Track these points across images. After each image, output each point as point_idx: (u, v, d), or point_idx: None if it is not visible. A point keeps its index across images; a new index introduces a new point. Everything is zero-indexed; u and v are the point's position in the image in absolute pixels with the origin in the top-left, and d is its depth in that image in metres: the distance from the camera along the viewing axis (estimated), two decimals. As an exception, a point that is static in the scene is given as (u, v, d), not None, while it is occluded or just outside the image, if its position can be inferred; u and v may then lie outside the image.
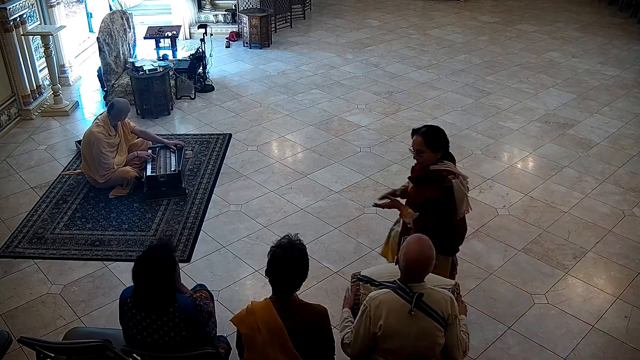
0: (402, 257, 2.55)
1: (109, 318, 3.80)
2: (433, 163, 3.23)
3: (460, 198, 3.22)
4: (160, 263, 2.59)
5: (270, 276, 2.56)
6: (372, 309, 2.55)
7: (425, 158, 3.22)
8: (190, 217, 4.88)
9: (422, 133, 3.20)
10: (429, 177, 3.24)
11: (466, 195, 3.26)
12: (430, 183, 3.23)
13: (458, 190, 3.18)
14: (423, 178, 3.29)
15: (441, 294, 2.59)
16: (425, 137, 3.18)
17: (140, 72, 6.67)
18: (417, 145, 3.21)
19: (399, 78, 7.97)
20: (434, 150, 3.18)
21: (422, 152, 3.20)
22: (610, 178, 5.53)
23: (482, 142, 6.20)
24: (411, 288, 2.54)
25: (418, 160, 3.31)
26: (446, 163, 3.24)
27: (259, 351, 2.55)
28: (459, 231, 3.45)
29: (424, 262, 2.53)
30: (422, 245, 2.55)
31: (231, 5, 9.91)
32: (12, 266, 4.31)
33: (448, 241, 3.36)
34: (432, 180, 3.22)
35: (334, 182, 5.40)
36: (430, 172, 3.24)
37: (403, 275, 2.59)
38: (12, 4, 6.22)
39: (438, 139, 3.19)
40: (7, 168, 5.68)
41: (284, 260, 2.52)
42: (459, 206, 3.24)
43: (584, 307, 3.94)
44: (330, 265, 4.31)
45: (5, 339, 3.06)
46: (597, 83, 7.90)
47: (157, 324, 2.61)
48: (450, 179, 3.16)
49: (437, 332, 2.55)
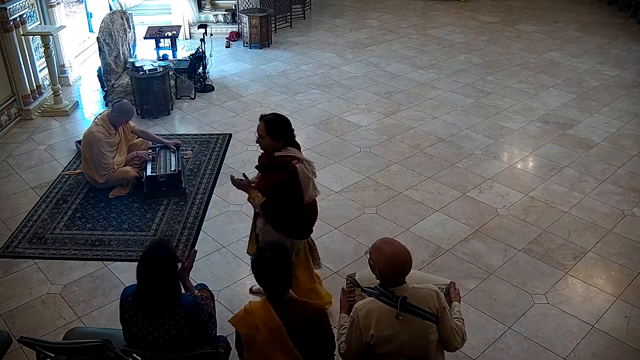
0: (377, 263, 2.54)
1: (109, 318, 3.80)
2: (277, 150, 3.33)
3: (306, 182, 3.33)
4: (161, 265, 2.58)
5: (255, 279, 2.63)
6: (361, 320, 2.54)
7: (265, 144, 3.33)
8: (190, 217, 4.88)
9: (265, 120, 3.32)
10: (273, 164, 3.34)
11: (312, 179, 3.38)
12: (275, 169, 3.33)
13: (303, 174, 3.29)
14: (268, 165, 3.39)
15: (425, 290, 2.57)
16: (267, 124, 3.30)
17: (140, 72, 6.67)
18: (259, 131, 3.34)
19: (399, 78, 7.97)
20: (274, 137, 3.29)
21: (262, 137, 3.32)
22: (610, 178, 5.53)
23: (482, 142, 6.20)
24: (393, 292, 2.52)
25: (260, 146, 3.41)
26: (289, 149, 3.35)
27: (259, 350, 2.55)
28: (309, 215, 3.56)
29: (398, 268, 2.52)
30: (394, 251, 2.54)
31: (231, 5, 9.92)
32: (12, 266, 4.31)
33: (297, 225, 3.49)
34: (277, 166, 3.32)
35: (334, 182, 5.40)
36: (274, 159, 3.33)
37: (382, 281, 2.56)
38: (12, 4, 6.22)
39: (279, 127, 3.31)
40: (7, 168, 5.68)
41: (260, 261, 2.58)
42: (305, 190, 3.36)
43: (584, 307, 3.94)
44: (330, 265, 4.31)
45: (5, 339, 3.06)
46: (597, 83, 7.90)
47: (158, 323, 2.61)
48: (294, 164, 3.27)
49: (430, 329, 2.54)
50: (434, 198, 5.16)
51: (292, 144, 3.39)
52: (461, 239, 4.62)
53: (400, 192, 5.24)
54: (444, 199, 5.14)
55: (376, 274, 2.55)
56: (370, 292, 2.65)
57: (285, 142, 3.33)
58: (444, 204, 5.08)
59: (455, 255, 4.43)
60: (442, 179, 5.46)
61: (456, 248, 4.52)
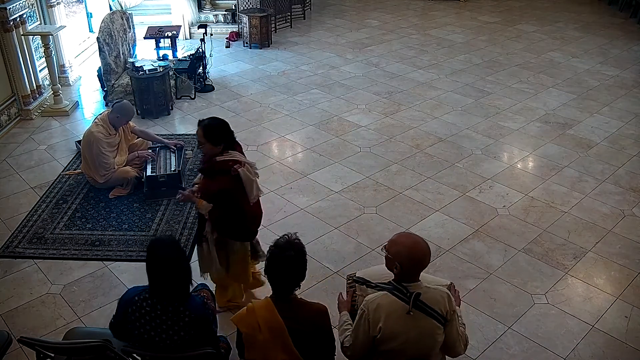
0: (397, 255, 2.53)
1: (108, 318, 3.74)
2: (219, 154, 3.34)
3: (249, 184, 3.36)
4: (176, 263, 2.58)
5: (268, 275, 2.57)
6: (371, 313, 2.53)
7: (206, 149, 3.36)
8: (190, 217, 4.88)
9: (203, 126, 3.33)
10: (216, 169, 3.35)
11: (254, 180, 3.41)
12: (218, 174, 3.35)
13: (245, 177, 3.32)
14: (209, 170, 3.40)
15: (438, 292, 2.57)
16: (204, 130, 3.31)
17: (140, 72, 6.67)
18: (198, 137, 3.36)
19: (399, 78, 7.97)
20: (213, 142, 3.31)
21: (202, 143, 3.33)
22: (610, 178, 5.53)
23: (482, 142, 6.20)
24: (407, 288, 2.52)
25: (203, 152, 3.43)
26: (231, 153, 3.36)
27: (260, 350, 2.55)
28: (255, 216, 3.60)
29: (418, 259, 2.52)
30: (414, 242, 2.54)
31: (231, 5, 9.92)
32: (12, 266, 4.31)
33: (244, 228, 3.51)
34: (219, 171, 3.34)
35: (334, 182, 5.40)
36: (216, 164, 3.35)
37: (399, 276, 2.56)
38: (12, 4, 6.22)
39: (217, 132, 3.32)
40: (7, 168, 5.68)
41: (281, 259, 2.53)
42: (249, 192, 3.39)
43: (584, 307, 3.94)
44: (330, 265, 4.31)
45: (5, 339, 3.06)
46: (597, 83, 7.90)
47: (167, 324, 2.59)
48: (235, 169, 3.29)
49: (437, 330, 2.54)
50: (434, 198, 5.17)
51: (232, 147, 3.41)
52: (461, 239, 4.62)
53: (400, 192, 5.25)
54: (444, 199, 5.15)
55: (396, 267, 2.53)
56: (383, 286, 2.63)
57: (225, 146, 3.35)
58: (444, 204, 5.08)
59: (455, 255, 4.43)
60: (442, 179, 5.46)
61: (456, 248, 4.52)
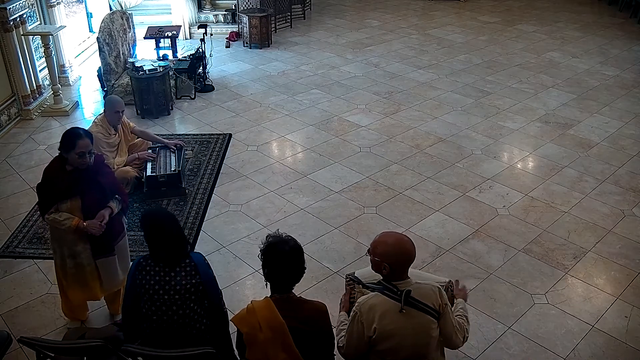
0: (384, 255, 2.54)
1: (109, 318, 3.80)
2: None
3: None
4: (167, 221, 2.82)
5: (266, 270, 2.57)
6: (364, 314, 2.54)
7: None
8: (190, 217, 4.88)
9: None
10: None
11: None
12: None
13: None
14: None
15: (429, 286, 2.58)
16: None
17: (140, 72, 6.67)
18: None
19: (399, 78, 7.97)
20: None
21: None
22: (610, 178, 5.53)
23: (482, 142, 6.20)
24: (397, 286, 2.53)
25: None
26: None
27: (261, 349, 2.55)
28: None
29: (406, 256, 2.54)
30: (399, 240, 2.56)
31: (231, 5, 9.92)
32: (12, 266, 4.31)
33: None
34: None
35: (334, 182, 5.40)
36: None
37: (389, 275, 2.56)
38: (12, 4, 6.23)
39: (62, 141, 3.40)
40: (7, 168, 5.68)
41: (277, 253, 2.54)
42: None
43: (584, 307, 3.94)
44: (330, 265, 4.32)
45: (5, 339, 3.07)
46: (597, 83, 7.90)
47: (170, 275, 2.75)
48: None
49: (432, 325, 2.55)
50: (434, 198, 5.17)
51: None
52: (461, 239, 4.62)
53: (400, 192, 5.25)
54: (444, 199, 5.15)
55: (384, 267, 2.54)
56: (374, 287, 2.64)
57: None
58: (444, 204, 5.08)
59: (455, 255, 4.43)
60: (442, 179, 5.46)
61: (456, 248, 4.52)
